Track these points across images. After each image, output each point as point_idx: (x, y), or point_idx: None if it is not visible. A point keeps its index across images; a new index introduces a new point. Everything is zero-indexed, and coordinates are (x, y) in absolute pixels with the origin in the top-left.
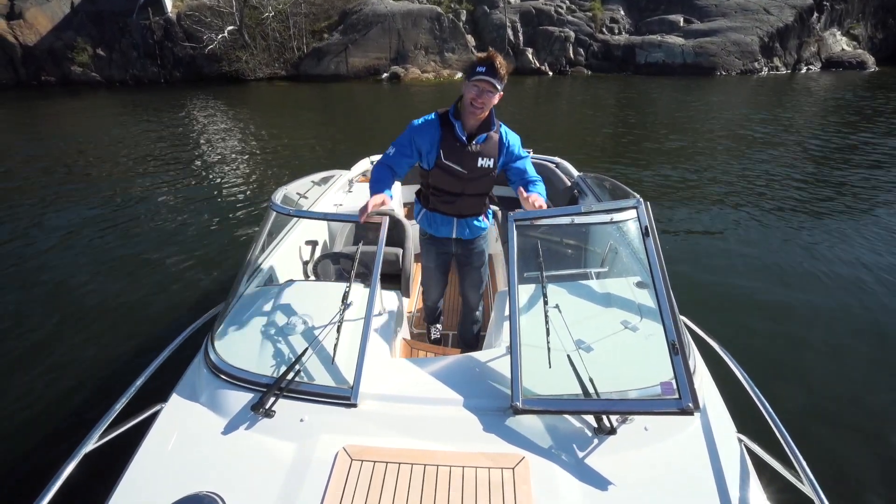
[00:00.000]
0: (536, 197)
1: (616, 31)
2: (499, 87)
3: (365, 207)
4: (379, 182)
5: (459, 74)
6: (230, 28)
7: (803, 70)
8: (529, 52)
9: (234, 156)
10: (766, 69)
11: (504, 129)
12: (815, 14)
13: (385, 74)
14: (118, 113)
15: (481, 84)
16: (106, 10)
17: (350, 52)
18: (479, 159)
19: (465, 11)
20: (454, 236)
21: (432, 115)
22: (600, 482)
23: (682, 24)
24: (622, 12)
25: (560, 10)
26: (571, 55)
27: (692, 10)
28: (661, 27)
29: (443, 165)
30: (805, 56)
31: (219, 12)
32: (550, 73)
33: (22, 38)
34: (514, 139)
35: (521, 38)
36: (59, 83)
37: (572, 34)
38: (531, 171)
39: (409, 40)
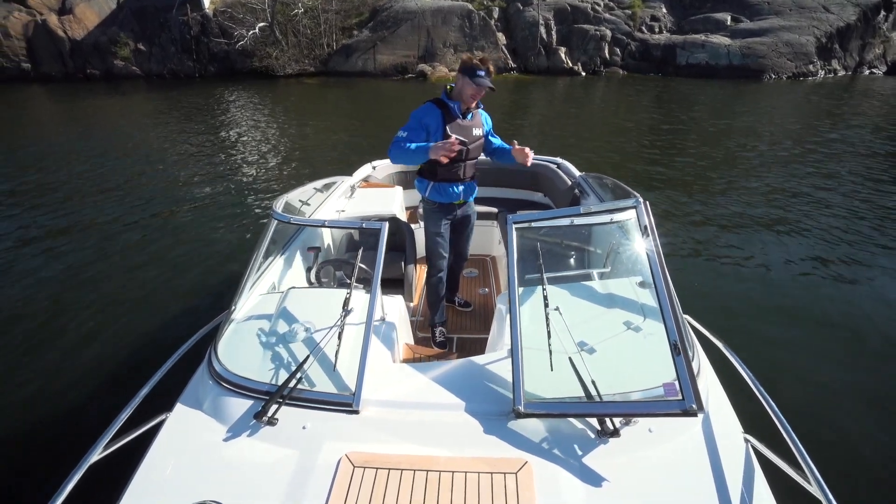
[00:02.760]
0: (524, 149)
1: (656, 29)
2: (492, 87)
3: (445, 146)
4: (411, 145)
5: None
6: (261, 25)
7: (865, 73)
8: (562, 52)
9: (253, 156)
10: (823, 72)
11: (481, 109)
12: (883, 12)
13: (409, 75)
14: (154, 106)
15: (482, 84)
16: (149, 5)
17: (378, 50)
18: (474, 130)
19: (497, 9)
20: (461, 199)
21: (429, 104)
22: (604, 485)
23: (729, 22)
24: (664, 10)
25: (597, 7)
26: (607, 55)
27: (741, 8)
28: (706, 26)
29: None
30: (868, 58)
31: (252, 9)
32: (583, 74)
33: (71, 32)
34: (487, 116)
35: (554, 36)
36: (102, 76)
37: (609, 33)
38: (498, 139)
39: (438, 38)
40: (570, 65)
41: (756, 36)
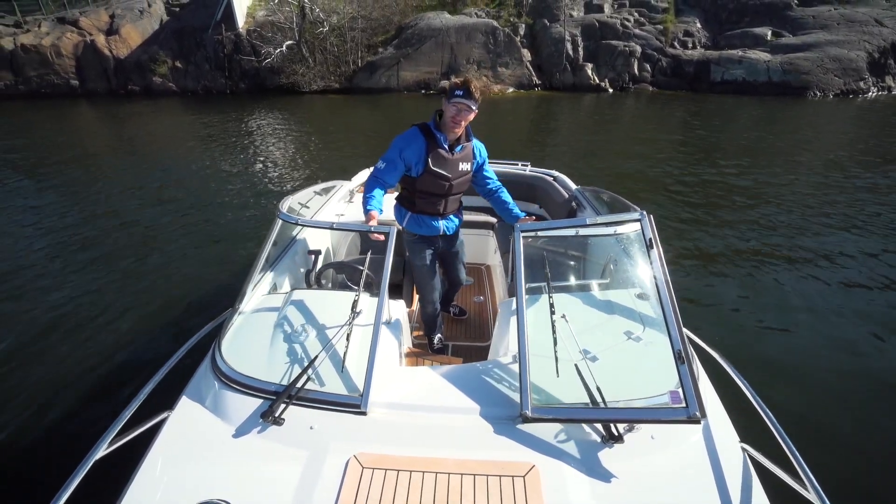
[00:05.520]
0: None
1: (690, 45)
2: (473, 107)
3: (369, 218)
4: (373, 197)
5: (511, 90)
6: (288, 43)
7: None
8: (589, 68)
9: (272, 167)
10: (875, 89)
11: (474, 139)
12: None
13: (431, 91)
14: (188, 121)
15: (459, 104)
16: (187, 25)
17: (402, 66)
18: (461, 164)
19: (523, 25)
20: (441, 233)
21: (414, 129)
22: (609, 490)
23: (769, 37)
24: (698, 25)
25: (627, 22)
26: (636, 71)
27: (783, 23)
28: (744, 41)
29: (432, 171)
30: None
31: (280, 27)
32: (610, 90)
33: (116, 51)
34: (481, 147)
35: (580, 52)
36: (142, 92)
37: (638, 48)
38: (494, 176)
39: (461, 55)
40: (597, 81)
41: (799, 51)
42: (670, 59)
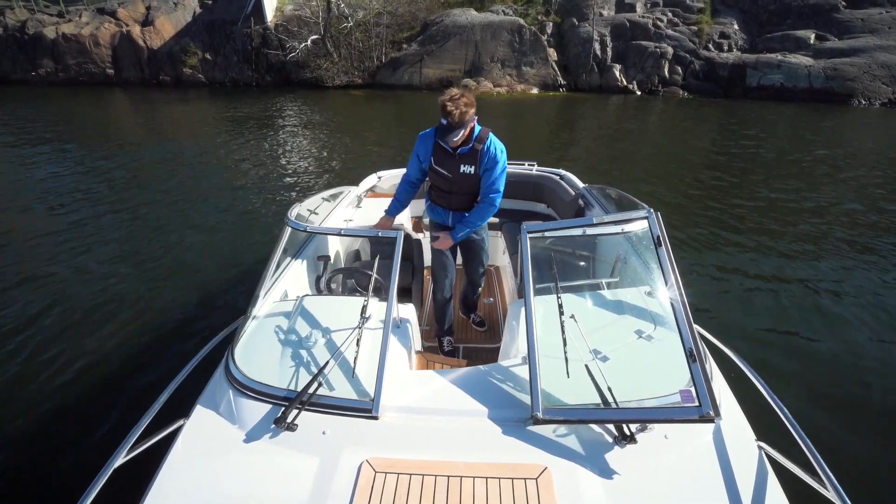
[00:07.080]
0: (442, 239)
1: (725, 47)
2: (455, 139)
3: (380, 223)
4: (397, 201)
5: (535, 90)
6: (313, 37)
7: None
8: (617, 69)
9: (290, 164)
10: None
11: (491, 142)
12: None
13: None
14: (215, 112)
15: (443, 142)
16: (218, 18)
17: (425, 63)
18: (462, 166)
19: (551, 24)
20: (450, 224)
21: (432, 129)
22: (623, 491)
23: (812, 41)
24: (735, 26)
25: (660, 22)
26: (666, 73)
27: (829, 25)
28: (784, 44)
29: (434, 169)
30: None
31: (306, 22)
32: (638, 93)
33: (150, 42)
34: (494, 152)
35: (609, 52)
36: (172, 82)
37: (670, 50)
38: (494, 186)
39: (486, 53)
40: (625, 83)
41: (845, 56)
42: (703, 61)
